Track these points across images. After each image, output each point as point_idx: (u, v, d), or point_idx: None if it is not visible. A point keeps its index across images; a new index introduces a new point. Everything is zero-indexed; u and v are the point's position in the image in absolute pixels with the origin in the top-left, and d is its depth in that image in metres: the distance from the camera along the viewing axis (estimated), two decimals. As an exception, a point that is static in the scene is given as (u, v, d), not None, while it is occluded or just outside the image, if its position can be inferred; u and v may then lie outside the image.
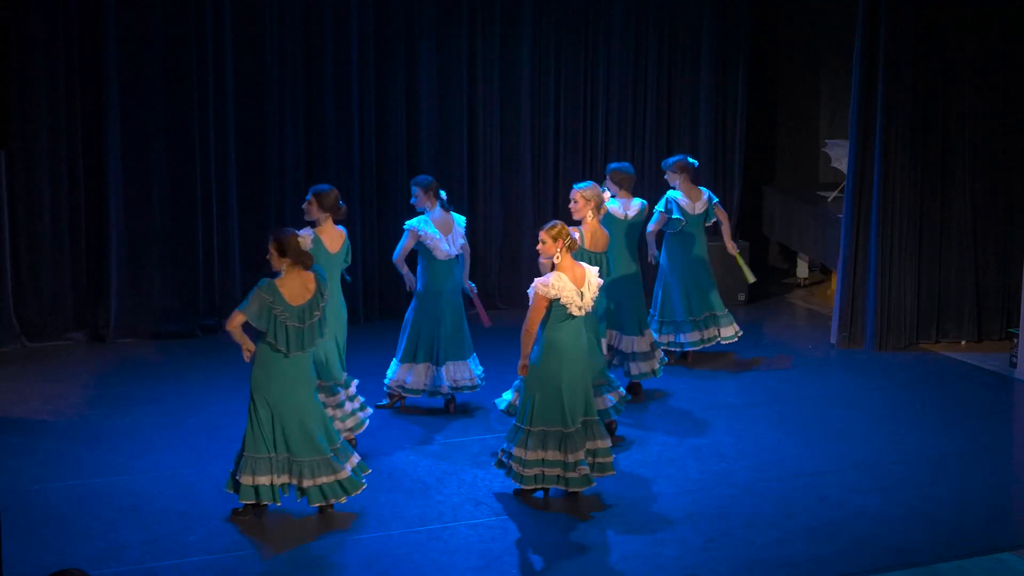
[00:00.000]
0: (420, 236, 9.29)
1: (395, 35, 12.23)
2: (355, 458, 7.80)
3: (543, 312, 7.75)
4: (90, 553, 7.17)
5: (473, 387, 9.61)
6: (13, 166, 11.11)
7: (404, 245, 9.36)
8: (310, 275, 7.55)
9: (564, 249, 7.80)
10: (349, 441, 8.68)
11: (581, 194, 8.94)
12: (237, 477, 7.54)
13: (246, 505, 7.61)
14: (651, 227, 10.60)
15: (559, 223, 7.91)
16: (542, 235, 7.85)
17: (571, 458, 7.86)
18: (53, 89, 11.16)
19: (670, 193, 10.61)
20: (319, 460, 7.59)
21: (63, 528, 7.52)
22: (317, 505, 7.66)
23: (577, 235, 8.18)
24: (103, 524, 7.58)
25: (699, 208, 10.60)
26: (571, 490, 7.93)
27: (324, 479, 7.58)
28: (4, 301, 11.16)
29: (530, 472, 7.87)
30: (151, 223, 11.61)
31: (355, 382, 8.94)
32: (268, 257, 7.54)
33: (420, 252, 9.40)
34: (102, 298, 11.55)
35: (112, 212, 11.42)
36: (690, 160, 10.70)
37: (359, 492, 7.71)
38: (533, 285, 7.78)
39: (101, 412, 9.62)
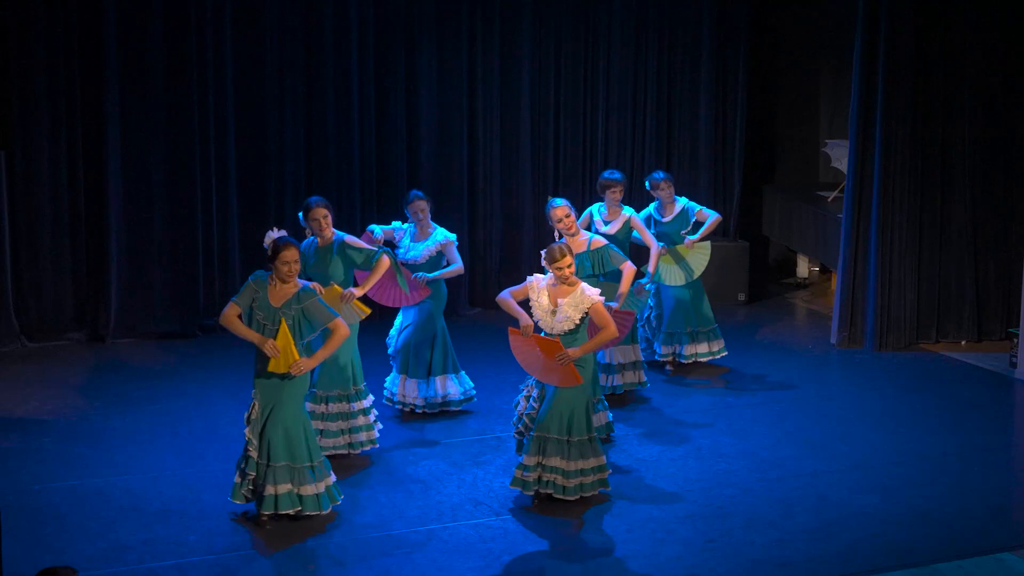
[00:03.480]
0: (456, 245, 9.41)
1: (395, 35, 12.23)
2: (331, 478, 7.70)
3: None
4: (90, 553, 7.17)
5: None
6: (13, 166, 11.11)
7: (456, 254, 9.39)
8: (297, 283, 7.56)
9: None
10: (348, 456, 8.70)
11: (569, 207, 8.96)
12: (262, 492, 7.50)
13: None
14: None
15: (562, 244, 7.89)
16: (568, 260, 7.74)
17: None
18: (53, 90, 11.16)
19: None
20: (287, 467, 7.49)
21: (63, 528, 7.52)
22: (265, 513, 7.50)
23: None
24: (103, 524, 7.58)
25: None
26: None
27: (283, 487, 7.48)
28: (4, 301, 11.16)
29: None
30: (151, 223, 11.60)
31: (371, 397, 8.91)
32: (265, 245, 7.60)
33: (439, 261, 9.38)
34: (102, 298, 11.55)
35: (112, 212, 11.42)
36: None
37: (325, 512, 7.61)
38: (598, 302, 7.73)
39: (101, 412, 9.62)
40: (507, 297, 7.92)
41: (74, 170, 11.36)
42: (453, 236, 9.36)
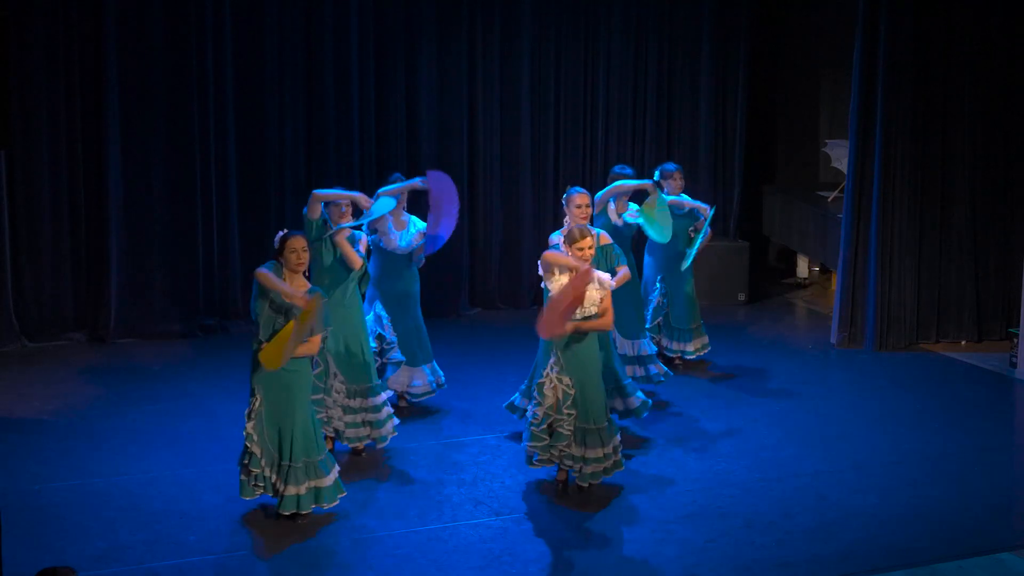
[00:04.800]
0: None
1: (395, 35, 12.23)
2: (336, 469, 7.68)
3: None
4: (90, 553, 7.18)
5: None
6: (13, 166, 11.11)
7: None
8: (305, 282, 7.57)
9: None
10: (358, 450, 8.68)
11: (589, 197, 9.04)
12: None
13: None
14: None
15: (583, 227, 8.03)
16: (589, 241, 7.93)
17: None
18: (53, 89, 11.16)
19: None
20: (304, 464, 7.50)
21: (63, 528, 7.52)
22: (286, 512, 7.50)
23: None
24: (103, 524, 7.58)
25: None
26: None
27: (303, 487, 7.49)
28: (4, 301, 11.16)
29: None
30: (151, 223, 11.60)
31: (388, 392, 8.88)
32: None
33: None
34: (102, 298, 11.54)
35: (112, 212, 11.41)
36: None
37: (333, 505, 7.62)
38: (608, 280, 7.99)
39: (101, 412, 9.62)
40: (554, 251, 8.16)
41: (74, 170, 11.35)
42: (423, 225, 9.29)
